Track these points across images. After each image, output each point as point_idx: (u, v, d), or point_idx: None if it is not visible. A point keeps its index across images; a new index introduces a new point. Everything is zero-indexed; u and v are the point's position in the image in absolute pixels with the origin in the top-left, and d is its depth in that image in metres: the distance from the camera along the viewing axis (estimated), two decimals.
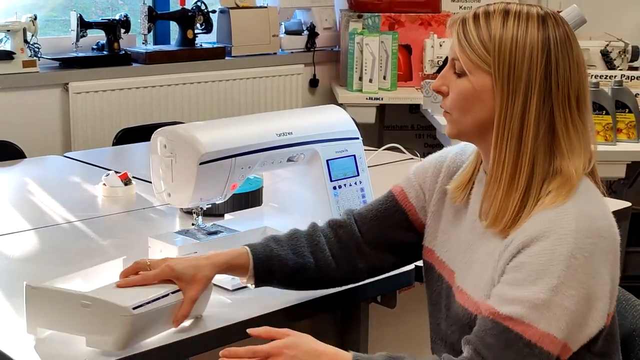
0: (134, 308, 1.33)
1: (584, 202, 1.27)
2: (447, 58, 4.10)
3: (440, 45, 3.92)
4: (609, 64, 3.61)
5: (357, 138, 1.89)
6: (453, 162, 1.50)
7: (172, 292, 1.41)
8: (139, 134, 3.06)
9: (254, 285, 1.50)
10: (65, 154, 2.85)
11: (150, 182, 1.74)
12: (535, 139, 1.28)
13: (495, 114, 1.30)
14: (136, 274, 1.44)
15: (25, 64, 3.35)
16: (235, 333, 1.47)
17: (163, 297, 1.39)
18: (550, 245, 1.23)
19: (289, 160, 1.80)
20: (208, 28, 3.89)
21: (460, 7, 4.35)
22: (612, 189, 3.62)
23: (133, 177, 2.32)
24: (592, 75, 3.17)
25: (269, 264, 1.49)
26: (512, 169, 1.29)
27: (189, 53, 3.83)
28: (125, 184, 2.27)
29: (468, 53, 1.31)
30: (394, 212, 1.53)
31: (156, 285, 1.41)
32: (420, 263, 1.60)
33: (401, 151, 2.70)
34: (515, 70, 1.28)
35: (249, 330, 1.36)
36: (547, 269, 1.22)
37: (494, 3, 1.35)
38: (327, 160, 1.83)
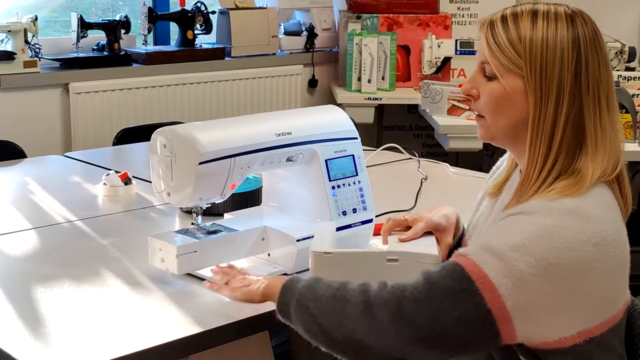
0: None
1: (586, 204, 1.25)
2: (445, 58, 4.13)
3: (439, 46, 3.93)
4: None
5: (356, 138, 1.89)
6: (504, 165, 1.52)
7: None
8: (139, 134, 3.08)
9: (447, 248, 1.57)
10: (66, 154, 2.86)
11: (150, 182, 1.74)
12: (563, 138, 1.28)
13: (529, 116, 1.30)
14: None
15: (26, 64, 3.37)
16: (235, 331, 1.49)
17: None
18: (531, 217, 1.23)
19: (288, 160, 1.80)
20: (208, 29, 3.91)
21: (458, 9, 4.36)
22: None
23: (133, 176, 2.33)
24: None
25: (460, 239, 1.59)
26: (541, 166, 1.30)
27: (188, 53, 3.84)
28: (126, 184, 2.28)
29: (498, 56, 1.30)
30: None
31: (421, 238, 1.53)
32: None
33: (399, 151, 2.71)
34: (547, 71, 1.28)
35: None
36: (516, 229, 1.22)
37: (521, 4, 1.34)
38: (326, 160, 1.83)
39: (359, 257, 1.40)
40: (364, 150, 1.94)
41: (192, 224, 1.78)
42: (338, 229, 1.80)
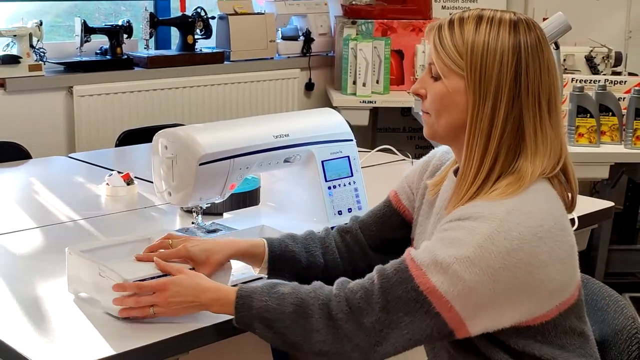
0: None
1: (527, 201, 1.29)
2: None
3: None
4: (593, 69, 3.63)
5: (351, 140, 1.92)
6: (439, 160, 1.55)
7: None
8: (140, 135, 3.07)
9: (266, 276, 1.57)
10: (70, 155, 2.85)
11: (152, 182, 1.77)
12: (501, 138, 1.32)
13: (467, 115, 1.34)
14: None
15: (31, 68, 3.37)
16: (234, 327, 1.47)
17: (164, 275, 1.46)
18: (475, 224, 1.27)
19: (286, 161, 1.83)
20: (207, 33, 3.92)
21: (450, 14, 4.41)
22: (595, 189, 3.67)
23: (135, 177, 2.33)
24: (576, 80, 3.22)
25: (282, 259, 1.56)
26: (478, 165, 1.33)
27: (189, 58, 3.85)
28: (128, 184, 2.28)
29: (442, 57, 1.35)
30: (391, 216, 1.61)
31: (169, 264, 1.49)
32: None
33: (393, 152, 2.71)
34: (486, 73, 1.31)
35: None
36: (462, 241, 1.26)
37: (470, 10, 1.39)
38: (322, 161, 1.86)
39: (86, 264, 1.49)
40: (359, 151, 1.97)
41: (193, 223, 1.82)
42: (334, 227, 1.86)
